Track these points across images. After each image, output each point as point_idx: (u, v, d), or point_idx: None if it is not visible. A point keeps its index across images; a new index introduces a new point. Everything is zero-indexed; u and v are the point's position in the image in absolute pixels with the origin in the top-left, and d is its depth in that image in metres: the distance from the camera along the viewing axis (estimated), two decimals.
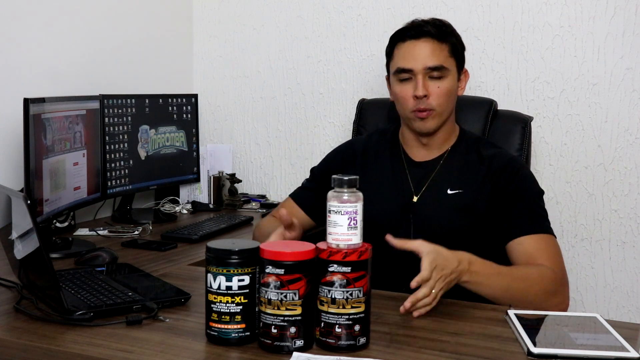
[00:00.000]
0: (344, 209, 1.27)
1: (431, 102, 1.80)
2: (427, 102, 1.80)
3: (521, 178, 1.81)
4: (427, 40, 1.81)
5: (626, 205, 2.47)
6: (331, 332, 1.26)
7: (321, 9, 2.88)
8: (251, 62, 3.04)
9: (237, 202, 2.85)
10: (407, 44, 1.83)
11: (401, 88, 1.83)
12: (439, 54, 1.80)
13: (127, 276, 1.75)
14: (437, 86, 1.80)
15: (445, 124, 1.87)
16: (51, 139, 2.04)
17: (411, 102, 1.81)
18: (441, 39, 1.82)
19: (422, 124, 1.83)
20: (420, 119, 1.82)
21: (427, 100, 1.80)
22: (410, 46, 1.82)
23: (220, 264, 1.26)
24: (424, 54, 1.80)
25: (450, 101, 1.85)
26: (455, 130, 1.93)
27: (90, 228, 2.35)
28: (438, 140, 1.89)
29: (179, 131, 2.78)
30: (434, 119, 1.82)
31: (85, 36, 2.57)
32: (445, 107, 1.83)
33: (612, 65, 2.45)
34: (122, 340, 1.32)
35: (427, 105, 1.80)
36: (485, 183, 1.82)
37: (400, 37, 1.85)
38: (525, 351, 1.27)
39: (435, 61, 1.80)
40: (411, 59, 1.80)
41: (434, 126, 1.83)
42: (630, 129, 2.44)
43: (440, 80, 1.80)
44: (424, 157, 1.90)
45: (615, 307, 2.51)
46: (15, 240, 1.54)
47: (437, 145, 1.89)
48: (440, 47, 1.81)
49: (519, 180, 1.80)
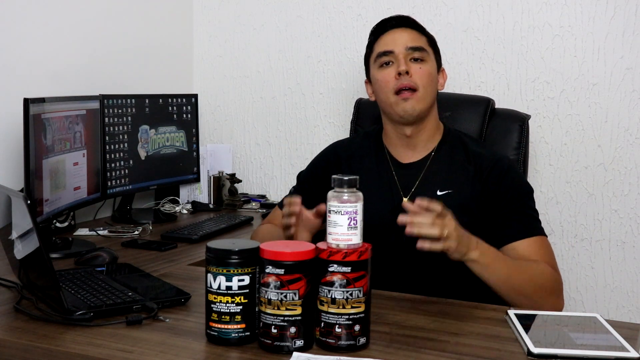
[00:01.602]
0: (344, 209, 1.27)
1: (415, 80, 1.79)
2: (409, 79, 1.79)
3: (510, 178, 1.81)
4: (407, 29, 1.86)
5: (626, 205, 2.47)
6: (331, 332, 1.26)
7: (321, 9, 2.88)
8: (251, 62, 3.04)
9: (237, 202, 2.85)
10: (388, 32, 1.87)
11: (382, 73, 1.83)
12: (419, 39, 1.85)
13: (127, 276, 1.75)
14: (419, 67, 1.81)
15: (428, 120, 1.86)
16: (51, 139, 2.04)
17: (392, 82, 1.80)
18: (420, 30, 1.88)
19: (406, 105, 1.79)
20: (404, 100, 1.79)
21: (409, 77, 1.79)
22: (391, 33, 1.86)
23: (220, 264, 1.27)
24: (404, 38, 1.84)
25: (432, 86, 1.83)
26: (440, 128, 1.91)
27: (90, 228, 2.35)
28: (423, 137, 1.87)
29: (179, 131, 2.78)
30: (418, 102, 1.80)
31: (85, 36, 2.57)
32: (427, 90, 1.81)
33: (612, 65, 2.45)
34: (122, 340, 1.32)
35: (410, 82, 1.79)
36: (475, 183, 1.81)
37: (380, 29, 1.89)
38: (525, 351, 1.27)
39: (416, 43, 1.83)
40: (392, 42, 1.84)
41: (418, 109, 1.80)
42: (630, 129, 2.44)
43: (421, 62, 1.82)
44: (410, 159, 1.88)
45: (615, 307, 2.51)
46: (15, 240, 1.54)
47: (422, 144, 1.87)
48: (420, 36, 1.86)
49: (509, 180, 1.81)
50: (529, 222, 1.76)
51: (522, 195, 1.80)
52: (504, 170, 1.81)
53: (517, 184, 1.82)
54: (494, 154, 1.87)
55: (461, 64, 2.63)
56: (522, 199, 1.79)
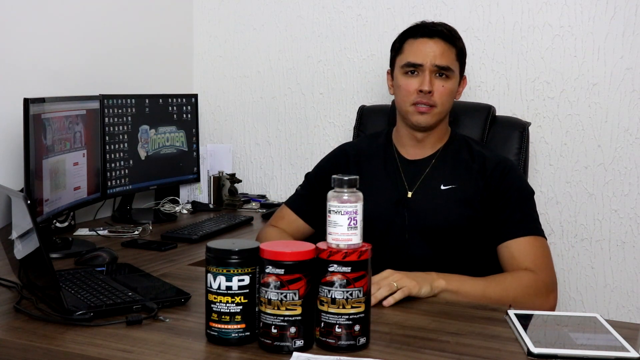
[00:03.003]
0: (344, 209, 1.27)
1: (435, 99, 1.84)
2: (430, 98, 1.83)
3: (511, 179, 1.84)
4: (439, 41, 1.85)
5: (626, 205, 2.47)
6: (331, 332, 1.26)
7: (321, 9, 2.88)
8: (251, 62, 3.04)
9: (237, 202, 2.85)
10: (420, 40, 1.87)
11: (407, 81, 1.86)
12: (448, 55, 1.85)
13: (127, 276, 1.75)
14: (442, 85, 1.84)
15: (441, 124, 1.92)
16: (51, 139, 2.04)
17: (414, 95, 1.84)
18: (451, 42, 1.87)
19: (421, 118, 1.85)
20: (420, 113, 1.85)
21: (431, 96, 1.83)
22: (422, 43, 1.86)
23: (220, 264, 1.26)
24: (434, 52, 1.84)
25: (450, 102, 1.89)
26: (448, 131, 1.97)
27: (90, 228, 2.35)
28: (432, 139, 1.92)
29: (179, 131, 2.78)
30: (433, 116, 1.86)
31: (85, 36, 2.57)
32: (446, 106, 1.88)
33: (612, 65, 2.45)
34: (122, 340, 1.32)
35: (430, 100, 1.83)
36: (478, 179, 1.85)
37: (413, 33, 1.89)
38: (525, 351, 1.27)
39: (444, 61, 1.84)
40: (422, 55, 1.84)
41: (432, 122, 1.87)
42: (630, 129, 2.44)
43: (445, 79, 1.85)
44: (416, 156, 1.93)
45: (615, 307, 2.51)
46: (15, 240, 1.54)
47: (430, 143, 1.92)
48: (450, 49, 1.86)
49: (510, 181, 1.83)
50: (526, 221, 1.77)
51: (522, 195, 1.82)
52: (506, 171, 1.85)
53: (517, 185, 1.84)
54: (498, 156, 1.92)
55: None
56: (522, 199, 1.81)
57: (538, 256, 1.73)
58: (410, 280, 1.54)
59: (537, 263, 1.72)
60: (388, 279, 1.54)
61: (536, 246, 1.74)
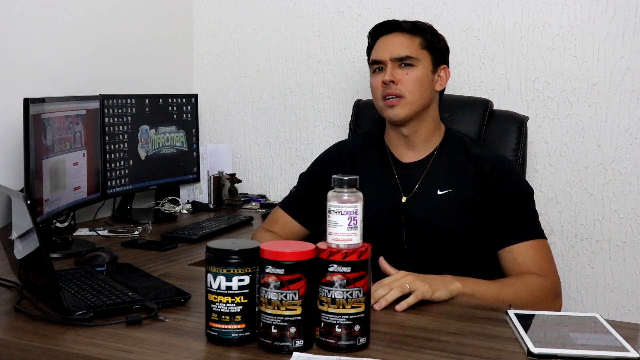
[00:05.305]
0: (344, 209, 1.27)
1: (400, 88, 1.83)
2: (395, 87, 1.83)
3: (510, 180, 1.82)
4: (397, 34, 1.88)
5: (626, 205, 2.47)
6: (331, 332, 1.26)
7: (321, 9, 2.88)
8: (251, 62, 3.04)
9: (237, 202, 2.85)
10: (380, 39, 1.90)
11: (374, 79, 1.89)
12: (408, 46, 1.86)
13: (127, 276, 1.75)
14: (406, 73, 1.84)
15: (425, 120, 1.88)
16: (51, 139, 2.04)
17: (380, 90, 1.85)
18: (412, 32, 1.88)
19: (391, 112, 1.84)
20: (391, 107, 1.84)
21: (395, 86, 1.83)
22: (382, 40, 1.90)
23: (220, 264, 1.27)
24: (394, 46, 1.86)
25: (422, 91, 1.85)
26: (441, 129, 1.93)
27: (90, 228, 2.35)
28: (421, 137, 1.89)
29: (179, 131, 2.78)
30: (404, 107, 1.83)
31: (85, 36, 2.57)
32: (415, 95, 1.84)
33: (612, 65, 2.45)
34: (122, 340, 1.32)
35: (396, 90, 1.83)
36: (475, 183, 1.83)
37: (375, 34, 1.93)
38: (525, 351, 1.27)
39: (403, 52, 1.85)
40: (382, 51, 1.87)
41: (403, 115, 1.84)
42: (630, 129, 2.44)
43: (409, 68, 1.85)
44: (411, 159, 1.91)
45: (615, 307, 2.51)
46: (15, 240, 1.54)
47: (421, 144, 1.90)
48: (411, 39, 1.87)
49: (509, 182, 1.82)
50: (527, 224, 1.76)
51: (521, 196, 1.81)
52: (504, 172, 1.82)
53: (517, 186, 1.83)
54: (495, 156, 1.88)
55: (461, 64, 2.63)
56: (522, 200, 1.80)
57: (543, 261, 1.73)
58: (423, 284, 1.52)
59: (542, 268, 1.71)
60: (400, 280, 1.52)
61: (539, 250, 1.74)
